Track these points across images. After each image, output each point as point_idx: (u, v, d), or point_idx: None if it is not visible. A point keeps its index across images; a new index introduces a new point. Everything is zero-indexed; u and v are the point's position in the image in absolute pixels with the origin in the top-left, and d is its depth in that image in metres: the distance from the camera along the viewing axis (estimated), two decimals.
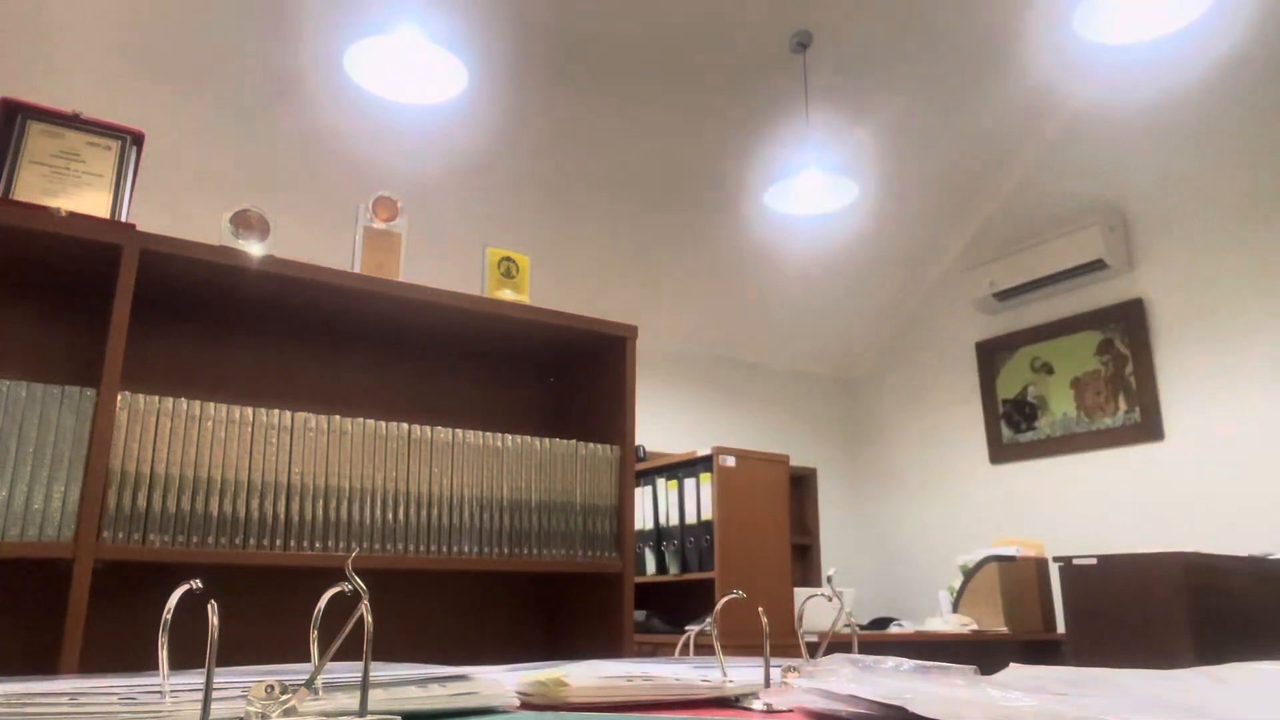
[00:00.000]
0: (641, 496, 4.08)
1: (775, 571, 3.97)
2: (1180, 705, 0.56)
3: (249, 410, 1.56)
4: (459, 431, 1.76)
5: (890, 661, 0.71)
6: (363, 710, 0.48)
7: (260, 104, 3.38)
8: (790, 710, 0.62)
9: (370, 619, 0.47)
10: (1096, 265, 4.17)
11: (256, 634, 1.55)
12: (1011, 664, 0.77)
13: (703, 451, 4.04)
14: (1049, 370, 4.47)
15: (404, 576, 1.78)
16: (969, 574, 3.66)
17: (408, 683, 0.55)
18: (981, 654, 3.51)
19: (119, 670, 0.64)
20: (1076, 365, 4.35)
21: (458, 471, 1.74)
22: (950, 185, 4.70)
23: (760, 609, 0.73)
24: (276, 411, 1.58)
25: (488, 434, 1.79)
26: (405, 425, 1.70)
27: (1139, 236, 4.20)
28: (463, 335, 1.96)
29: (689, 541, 3.99)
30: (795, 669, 0.66)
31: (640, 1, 3.36)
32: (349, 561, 0.48)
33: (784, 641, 3.25)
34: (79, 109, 1.59)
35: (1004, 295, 4.56)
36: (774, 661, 0.66)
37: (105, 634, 1.43)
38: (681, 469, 4.11)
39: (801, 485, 5.78)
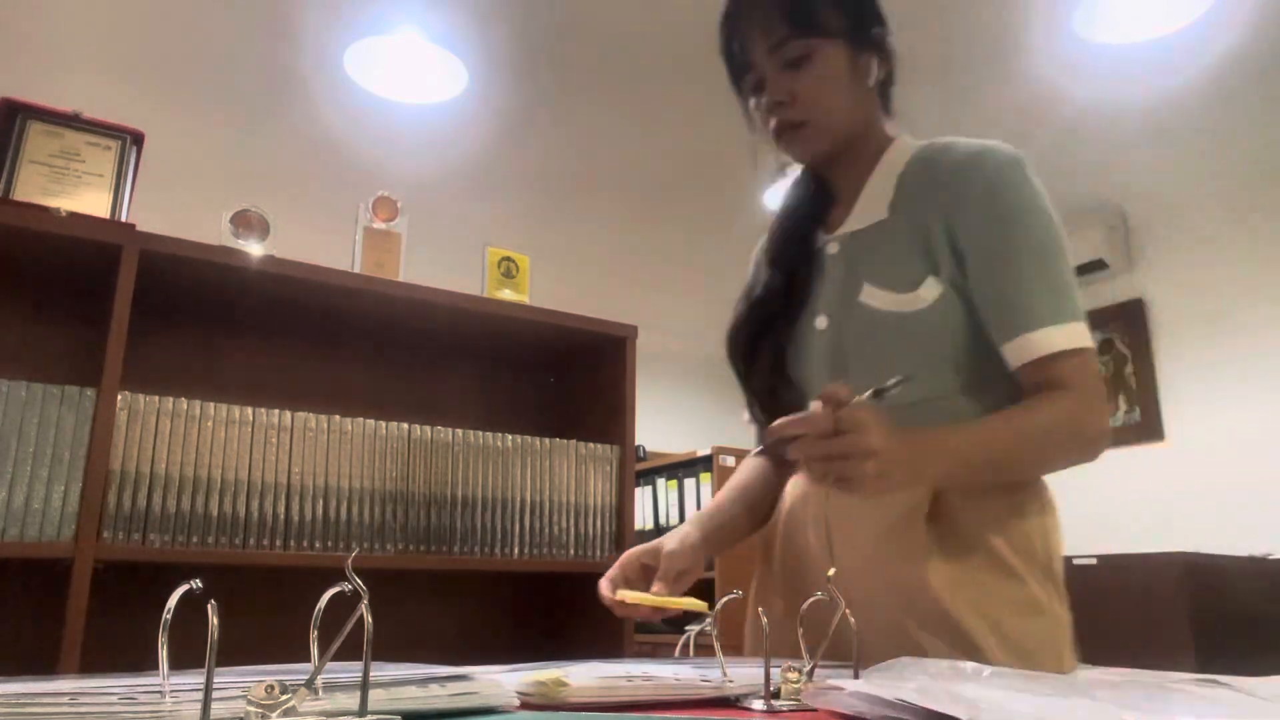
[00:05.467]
0: (641, 496, 4.08)
1: None
2: None
3: (249, 410, 1.56)
4: (459, 431, 1.76)
5: (970, 667, 0.69)
6: (363, 710, 0.48)
7: (260, 104, 3.38)
8: (797, 711, 0.62)
9: (370, 619, 0.47)
10: (1096, 265, 4.16)
11: (256, 634, 1.55)
12: (1080, 665, 0.75)
13: (703, 451, 4.03)
14: None
15: (404, 576, 1.78)
16: None
17: (408, 683, 0.55)
18: None
19: (119, 670, 0.64)
20: None
21: (457, 471, 1.74)
22: None
23: (760, 609, 0.73)
24: (276, 411, 1.58)
25: (488, 434, 1.78)
26: (405, 425, 1.70)
27: (1139, 236, 4.20)
28: (463, 335, 1.96)
29: None
30: (796, 668, 0.66)
31: (641, 1, 3.36)
32: (349, 561, 0.48)
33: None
34: (79, 109, 1.58)
35: None
36: (774, 661, 0.66)
37: (105, 634, 1.43)
38: (681, 469, 4.11)
39: None
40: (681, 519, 4.06)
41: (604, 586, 1.02)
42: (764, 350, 1.12)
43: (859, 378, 0.97)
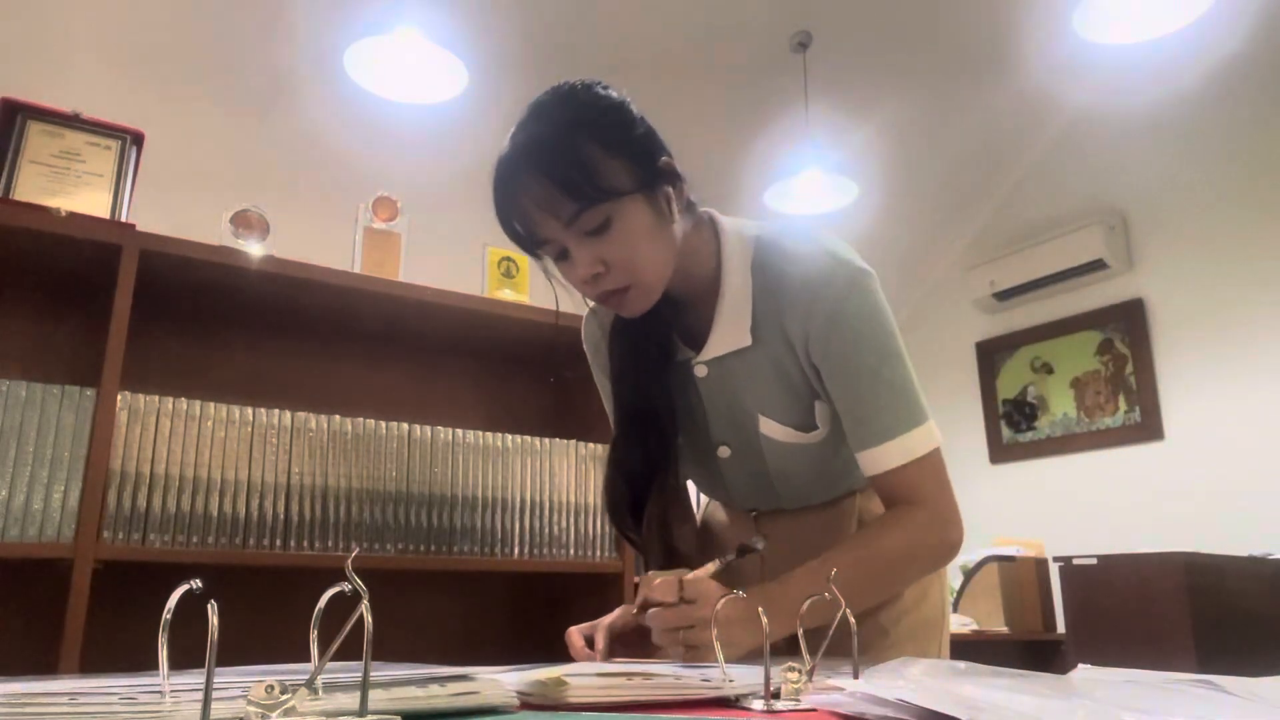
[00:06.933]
0: None
1: None
2: None
3: (249, 410, 1.56)
4: (459, 431, 1.76)
5: (969, 667, 0.69)
6: (363, 710, 0.48)
7: (260, 104, 3.38)
8: (797, 711, 0.62)
9: (370, 619, 0.47)
10: (1096, 265, 4.17)
11: (256, 634, 1.55)
12: (1080, 665, 0.76)
13: None
14: (1049, 370, 4.47)
15: (404, 576, 1.78)
16: (969, 574, 3.65)
17: (408, 683, 0.55)
18: (981, 654, 3.51)
19: (119, 670, 0.64)
20: (1076, 365, 4.34)
21: (457, 471, 1.74)
22: (950, 185, 4.70)
23: (760, 609, 0.73)
24: (276, 411, 1.58)
25: (488, 434, 1.78)
26: (405, 425, 1.70)
27: (1139, 236, 4.19)
28: (463, 335, 1.96)
29: None
30: (796, 668, 0.66)
31: (640, 1, 3.36)
32: (349, 561, 0.48)
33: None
34: (79, 109, 1.58)
35: (1004, 295, 4.55)
36: (774, 661, 0.66)
37: (105, 634, 1.43)
38: None
39: None
40: None
41: (600, 640, 0.98)
42: (651, 519, 1.09)
43: (785, 493, 1.13)
